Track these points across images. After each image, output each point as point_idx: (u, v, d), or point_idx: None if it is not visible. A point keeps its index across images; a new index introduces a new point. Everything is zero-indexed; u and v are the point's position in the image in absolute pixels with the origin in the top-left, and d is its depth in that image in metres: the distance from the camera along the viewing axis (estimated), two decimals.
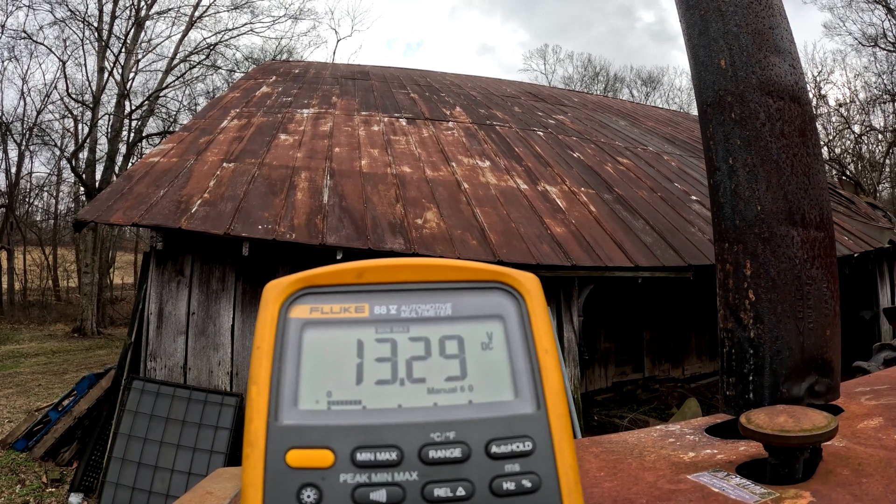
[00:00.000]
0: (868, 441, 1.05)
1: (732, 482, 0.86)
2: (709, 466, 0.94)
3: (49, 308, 25.68)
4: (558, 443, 0.45)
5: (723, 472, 0.90)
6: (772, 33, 1.38)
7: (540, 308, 0.50)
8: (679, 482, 0.88)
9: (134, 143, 24.77)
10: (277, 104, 11.05)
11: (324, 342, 0.48)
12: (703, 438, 1.13)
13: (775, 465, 0.86)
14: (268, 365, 0.46)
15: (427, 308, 0.50)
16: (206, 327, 6.71)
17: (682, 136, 15.76)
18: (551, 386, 0.47)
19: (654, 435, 1.18)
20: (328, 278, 0.50)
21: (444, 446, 0.43)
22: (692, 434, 1.16)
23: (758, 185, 1.25)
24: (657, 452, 1.05)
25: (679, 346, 11.75)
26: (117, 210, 6.26)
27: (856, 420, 1.20)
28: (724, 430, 1.18)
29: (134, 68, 24.82)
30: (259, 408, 0.44)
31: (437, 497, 0.42)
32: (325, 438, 0.43)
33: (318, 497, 0.41)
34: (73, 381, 10.57)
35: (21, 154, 26.20)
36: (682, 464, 0.97)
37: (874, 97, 30.15)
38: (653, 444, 1.10)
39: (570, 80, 46.18)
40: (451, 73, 19.27)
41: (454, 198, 7.90)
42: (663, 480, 0.89)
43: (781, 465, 0.86)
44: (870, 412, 1.25)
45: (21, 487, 6.97)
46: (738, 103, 1.31)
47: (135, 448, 5.87)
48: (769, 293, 1.20)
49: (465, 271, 0.51)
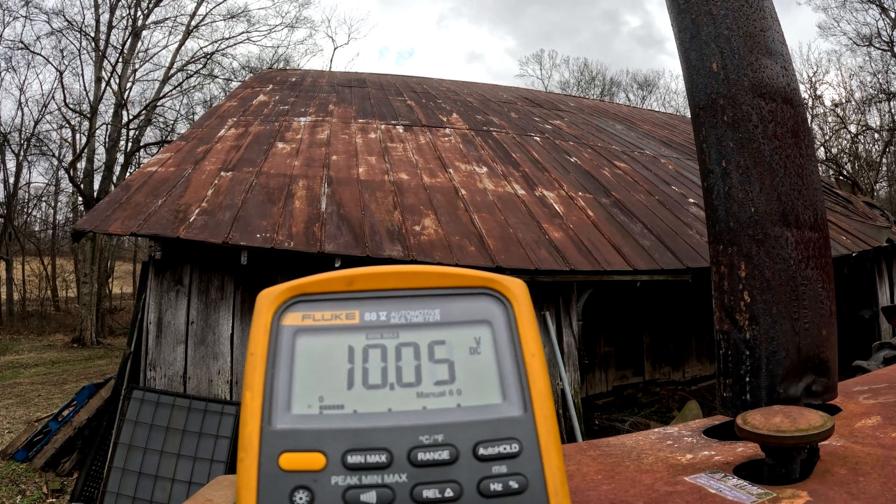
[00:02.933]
0: (866, 440, 1.05)
1: (729, 483, 0.86)
2: (706, 468, 0.94)
3: (48, 318, 25.61)
4: (545, 444, 0.46)
5: (720, 474, 0.91)
6: (763, 36, 1.38)
7: (527, 312, 0.51)
8: (676, 484, 0.88)
9: (132, 153, 24.79)
10: (274, 113, 11.07)
11: (316, 348, 0.49)
12: (701, 440, 1.13)
13: (772, 465, 0.87)
14: (261, 371, 0.47)
15: (416, 314, 0.51)
16: (205, 336, 6.70)
17: (678, 139, 15.79)
18: (538, 389, 0.48)
19: (651, 438, 1.18)
20: (319, 286, 0.51)
21: (433, 448, 0.45)
22: (690, 436, 1.17)
23: (751, 186, 1.25)
24: (655, 455, 1.05)
25: (679, 349, 11.75)
26: (116, 220, 6.26)
27: (854, 419, 1.20)
28: (721, 431, 1.18)
29: (131, 78, 24.91)
30: (253, 412, 0.46)
31: (425, 498, 0.43)
32: (317, 442, 0.44)
33: (310, 499, 0.42)
34: (72, 392, 10.56)
35: (19, 164, 26.26)
36: (680, 466, 0.97)
37: (870, 97, 30.27)
38: (651, 447, 1.11)
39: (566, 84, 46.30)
40: (448, 79, 19.31)
41: (452, 204, 7.91)
42: (660, 483, 0.89)
43: (778, 466, 0.86)
44: (868, 411, 1.26)
45: (21, 498, 6.95)
46: (730, 106, 1.31)
47: (135, 458, 5.85)
48: (764, 294, 1.20)
49: (453, 278, 0.52)
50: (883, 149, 30.86)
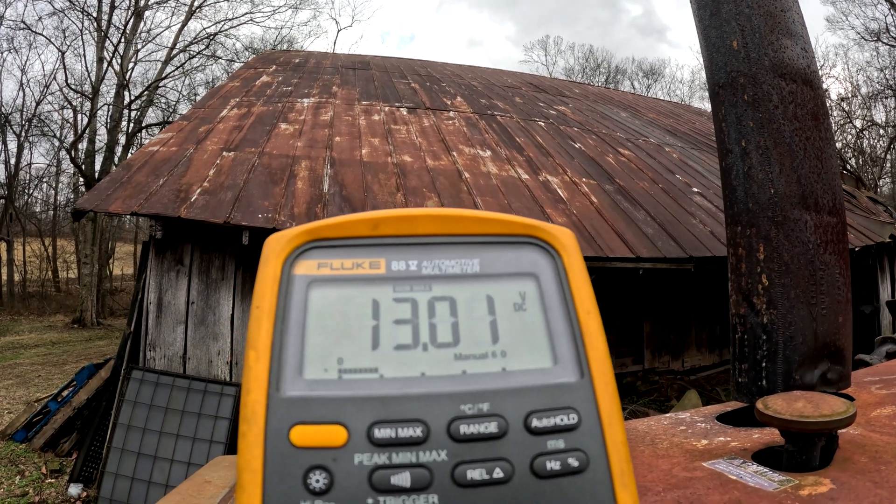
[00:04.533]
0: (884, 429, 1.03)
1: (749, 469, 0.84)
2: (723, 454, 0.92)
3: (48, 299, 25.67)
4: (606, 415, 0.39)
5: (738, 460, 0.88)
6: (784, 16, 1.35)
7: (578, 265, 0.45)
8: (695, 469, 0.85)
9: (133, 134, 24.67)
10: (277, 93, 11.00)
11: (333, 302, 0.42)
12: (715, 426, 1.10)
13: (792, 452, 0.84)
14: (268, 327, 0.40)
15: (452, 264, 0.44)
16: (205, 317, 6.69)
17: (683, 128, 15.71)
18: (596, 351, 0.41)
19: (664, 423, 1.16)
20: (338, 230, 0.44)
21: (478, 420, 0.38)
22: (703, 422, 1.14)
23: (771, 167, 1.22)
24: (669, 440, 1.02)
25: (679, 339, 11.75)
26: (116, 199, 6.23)
27: (868, 409, 1.18)
28: (735, 417, 1.16)
29: (133, 58, 24.72)
30: (258, 377, 0.38)
31: (470, 480, 0.36)
32: (336, 412, 0.37)
33: (328, 482, 0.35)
34: (72, 372, 10.58)
35: (20, 145, 26.17)
36: (696, 451, 0.94)
37: (876, 92, 30.14)
38: (664, 432, 1.08)
39: (570, 71, 46.07)
40: (452, 63, 19.18)
41: (455, 187, 7.87)
42: (678, 468, 0.87)
43: (799, 452, 0.84)
44: (882, 401, 1.24)
45: (21, 478, 6.98)
46: (750, 85, 1.28)
47: (134, 438, 5.86)
48: (782, 278, 1.17)
49: (493, 223, 0.46)
50: (888, 145, 30.75)
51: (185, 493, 1.04)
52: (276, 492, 0.35)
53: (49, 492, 6.70)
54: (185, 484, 1.09)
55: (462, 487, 0.36)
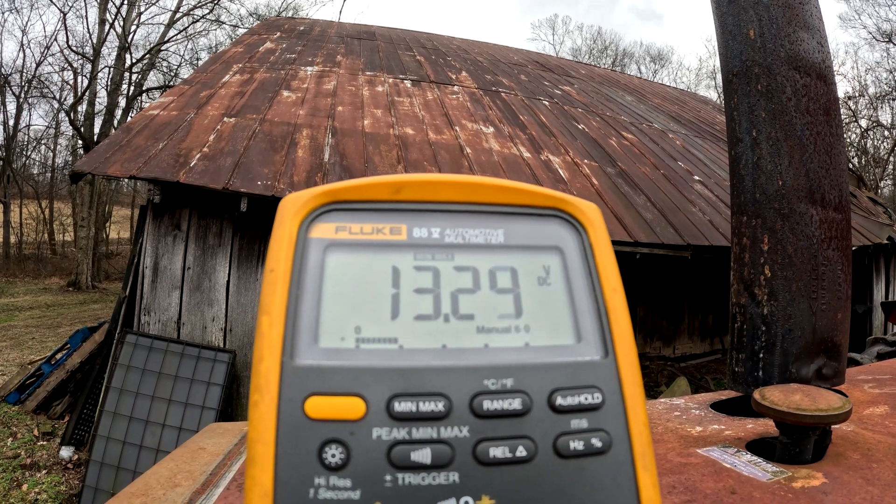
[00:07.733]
0: (876, 427, 1.04)
1: (743, 459, 0.84)
2: (717, 442, 0.92)
3: (44, 262, 25.61)
4: (630, 396, 0.38)
5: (733, 449, 0.89)
6: (801, 9, 1.33)
7: (604, 240, 0.44)
8: (689, 456, 0.86)
9: (134, 97, 24.42)
10: (281, 61, 10.87)
11: (351, 268, 0.40)
12: (709, 414, 1.11)
13: (786, 443, 0.85)
14: (283, 292, 0.38)
15: (476, 234, 0.43)
16: (201, 283, 6.69)
17: (688, 116, 15.62)
18: (621, 331, 0.40)
19: (658, 408, 1.16)
20: (359, 192, 0.42)
21: (501, 396, 0.36)
22: (697, 409, 1.15)
23: (780, 159, 1.21)
24: (664, 425, 1.03)
25: (672, 325, 11.81)
26: (115, 162, 6.18)
27: (861, 406, 1.19)
28: (730, 406, 1.16)
29: (136, 21, 24.33)
30: (272, 343, 0.37)
31: (493, 458, 0.35)
32: (353, 383, 0.36)
33: (345, 457, 0.34)
34: (66, 335, 10.61)
35: (19, 106, 25.87)
36: (691, 438, 0.95)
37: (883, 93, 29.97)
38: (658, 417, 1.09)
39: (577, 52, 45.63)
40: (458, 37, 18.96)
41: (456, 162, 7.83)
42: (673, 454, 0.87)
43: (793, 445, 0.84)
44: (874, 399, 1.25)
45: (13, 440, 7.02)
46: (765, 75, 1.26)
47: (126, 402, 5.89)
48: (785, 270, 1.17)
49: (518, 194, 0.44)
50: (891, 147, 30.66)
51: (178, 460, 1.04)
52: (289, 466, 0.34)
53: (41, 454, 6.75)
54: (179, 450, 1.09)
55: (484, 465, 0.35)
